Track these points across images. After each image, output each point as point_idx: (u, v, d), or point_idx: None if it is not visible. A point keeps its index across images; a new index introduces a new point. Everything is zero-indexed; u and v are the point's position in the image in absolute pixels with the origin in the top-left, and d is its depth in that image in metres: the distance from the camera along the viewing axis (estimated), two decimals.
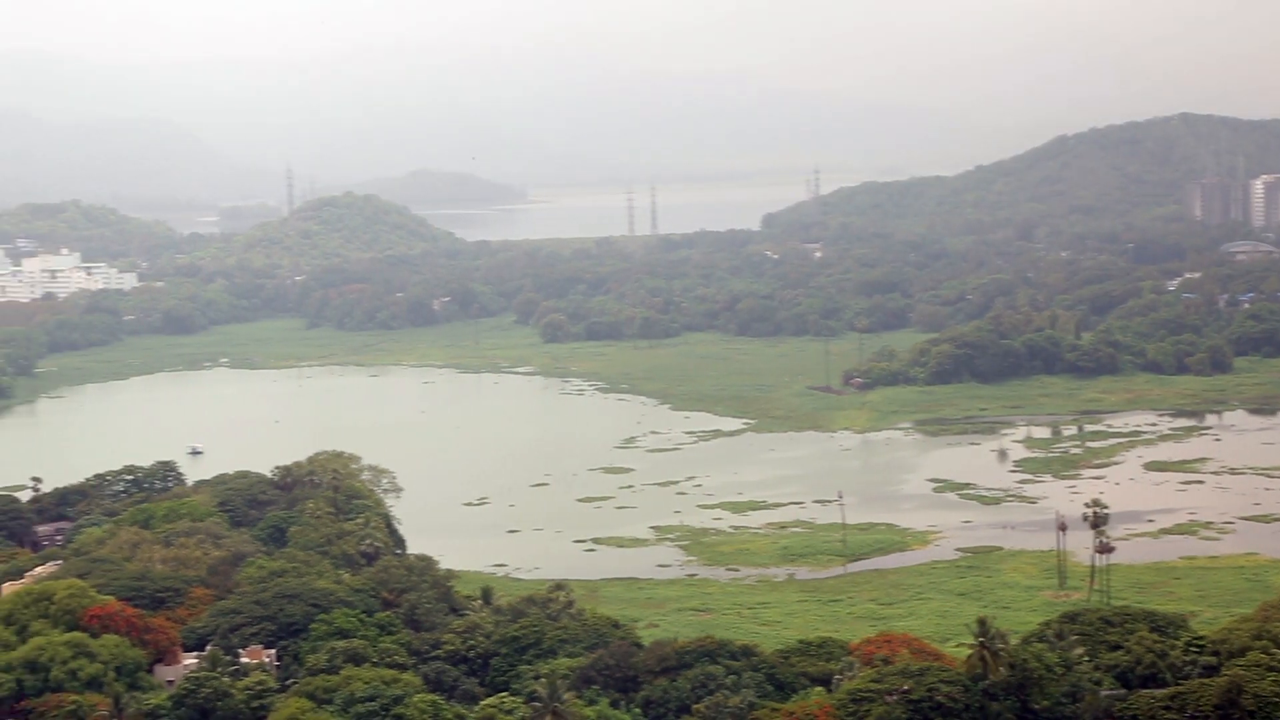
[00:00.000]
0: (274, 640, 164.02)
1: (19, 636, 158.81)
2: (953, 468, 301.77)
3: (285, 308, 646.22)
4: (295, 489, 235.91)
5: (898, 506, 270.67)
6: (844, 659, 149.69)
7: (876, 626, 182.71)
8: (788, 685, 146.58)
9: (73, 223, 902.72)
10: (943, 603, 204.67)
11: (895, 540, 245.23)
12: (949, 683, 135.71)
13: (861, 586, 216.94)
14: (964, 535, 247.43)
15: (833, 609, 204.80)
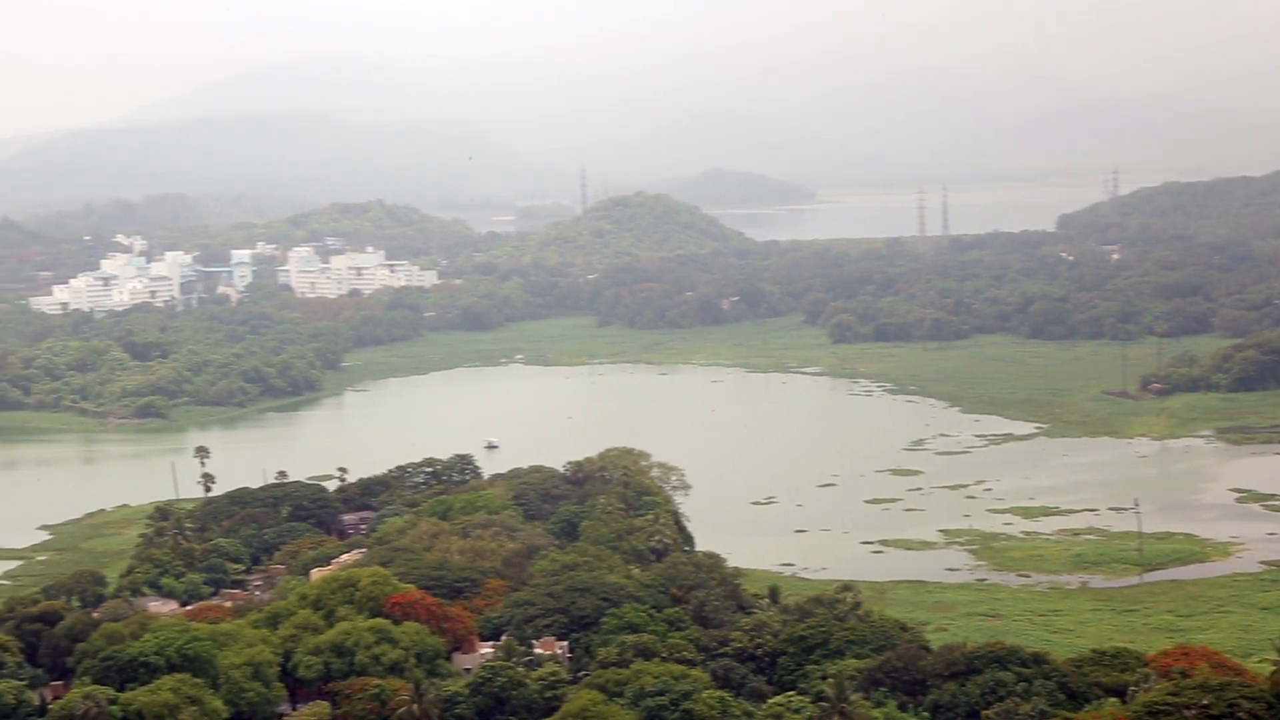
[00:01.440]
0: (566, 632, 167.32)
1: (326, 621, 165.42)
2: (1258, 478, 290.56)
3: (578, 305, 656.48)
4: (587, 484, 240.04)
5: (1197, 516, 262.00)
6: (1139, 670, 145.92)
7: (1174, 638, 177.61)
8: (1080, 695, 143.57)
9: (377, 221, 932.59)
10: (1245, 616, 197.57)
11: (1194, 551, 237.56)
12: (1251, 699, 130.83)
13: (1158, 597, 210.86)
14: (1269, 548, 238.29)
15: (1127, 619, 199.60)
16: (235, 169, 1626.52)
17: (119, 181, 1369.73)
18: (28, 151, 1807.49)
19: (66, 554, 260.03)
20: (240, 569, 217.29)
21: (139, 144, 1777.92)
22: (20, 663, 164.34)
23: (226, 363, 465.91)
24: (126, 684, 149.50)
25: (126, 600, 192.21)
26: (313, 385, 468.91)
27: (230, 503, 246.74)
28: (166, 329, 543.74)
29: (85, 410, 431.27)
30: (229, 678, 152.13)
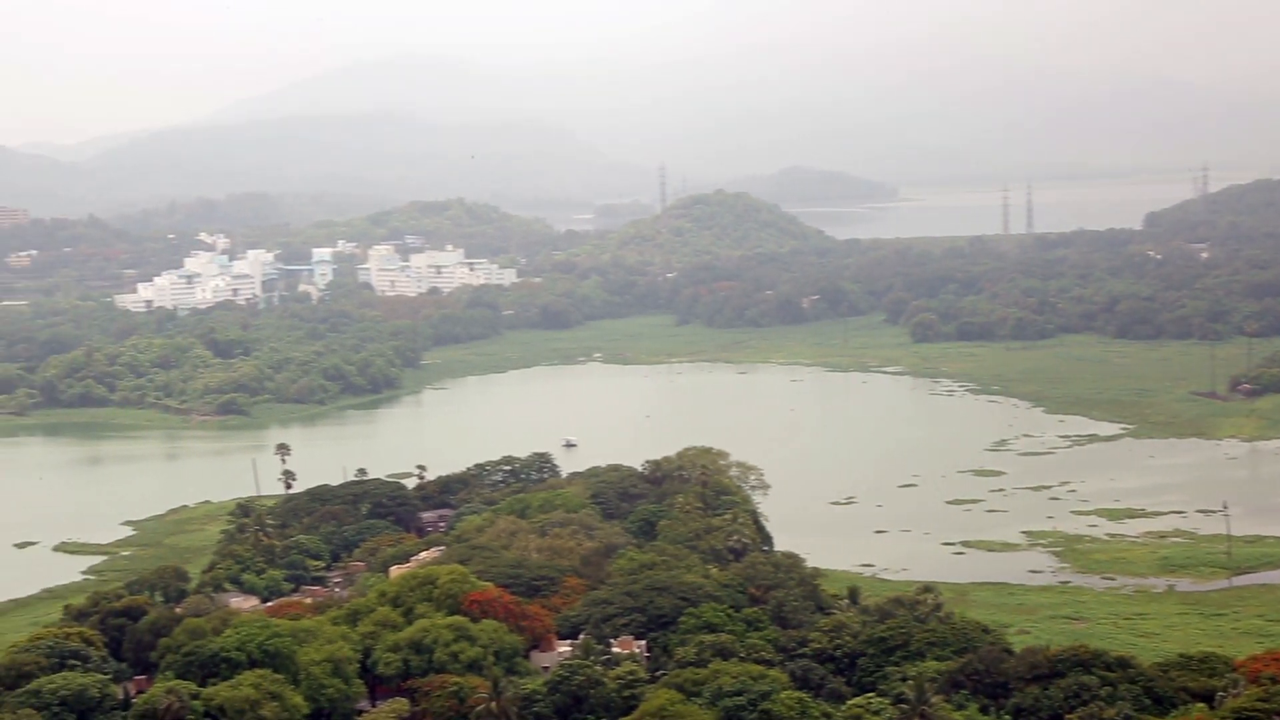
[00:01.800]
0: (644, 631, 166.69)
1: (405, 618, 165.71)
2: None
3: (657, 304, 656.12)
4: (665, 483, 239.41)
5: None
6: (1228, 676, 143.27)
7: (1264, 644, 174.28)
8: (1167, 700, 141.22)
9: (457, 220, 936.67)
10: None
11: None
12: None
13: (1248, 601, 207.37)
14: None
15: (1215, 623, 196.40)
16: (317, 167, 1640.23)
17: (203, 180, 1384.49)
18: (114, 151, 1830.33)
19: (150, 549, 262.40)
20: (320, 566, 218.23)
21: (223, 143, 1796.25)
22: (105, 657, 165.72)
23: (307, 360, 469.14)
24: (208, 679, 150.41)
25: (208, 596, 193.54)
26: (392, 383, 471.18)
27: (311, 500, 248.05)
28: (248, 327, 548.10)
29: (168, 407, 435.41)
30: (309, 674, 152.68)
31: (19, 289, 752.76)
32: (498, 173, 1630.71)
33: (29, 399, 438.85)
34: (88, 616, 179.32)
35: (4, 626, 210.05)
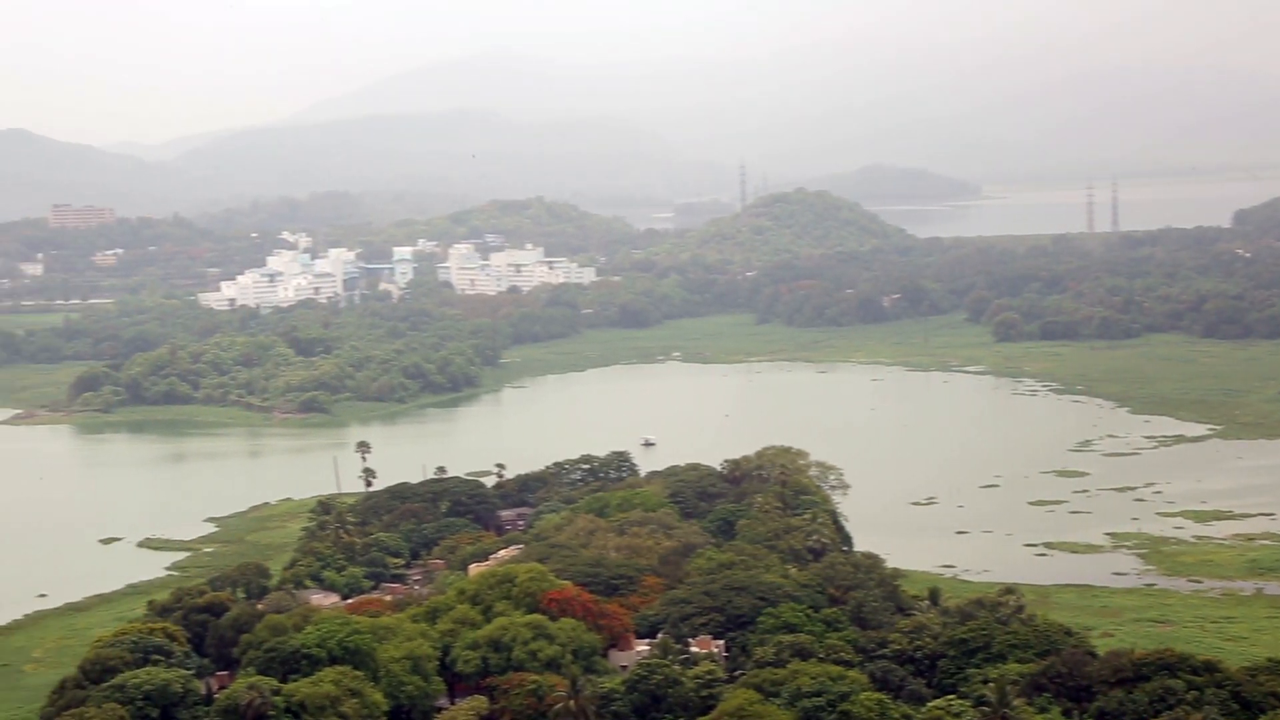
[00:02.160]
0: (722, 631, 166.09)
1: (484, 616, 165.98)
2: None
3: (736, 303, 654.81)
4: (744, 483, 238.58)
5: None
6: None
7: None
8: (1255, 705, 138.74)
9: (537, 218, 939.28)
10: None
11: None
12: None
13: None
14: None
15: None
16: (398, 166, 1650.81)
17: (286, 179, 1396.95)
18: (198, 151, 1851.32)
19: (232, 546, 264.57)
20: (400, 563, 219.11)
21: (306, 142, 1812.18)
22: (188, 652, 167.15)
23: (387, 359, 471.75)
24: (289, 675, 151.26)
25: (289, 593, 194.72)
26: (472, 381, 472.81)
27: (390, 498, 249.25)
28: (329, 325, 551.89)
29: (251, 405, 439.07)
30: (389, 671, 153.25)
31: (105, 287, 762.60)
32: (578, 171, 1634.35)
33: (115, 396, 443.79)
34: (171, 612, 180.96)
35: (89, 621, 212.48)
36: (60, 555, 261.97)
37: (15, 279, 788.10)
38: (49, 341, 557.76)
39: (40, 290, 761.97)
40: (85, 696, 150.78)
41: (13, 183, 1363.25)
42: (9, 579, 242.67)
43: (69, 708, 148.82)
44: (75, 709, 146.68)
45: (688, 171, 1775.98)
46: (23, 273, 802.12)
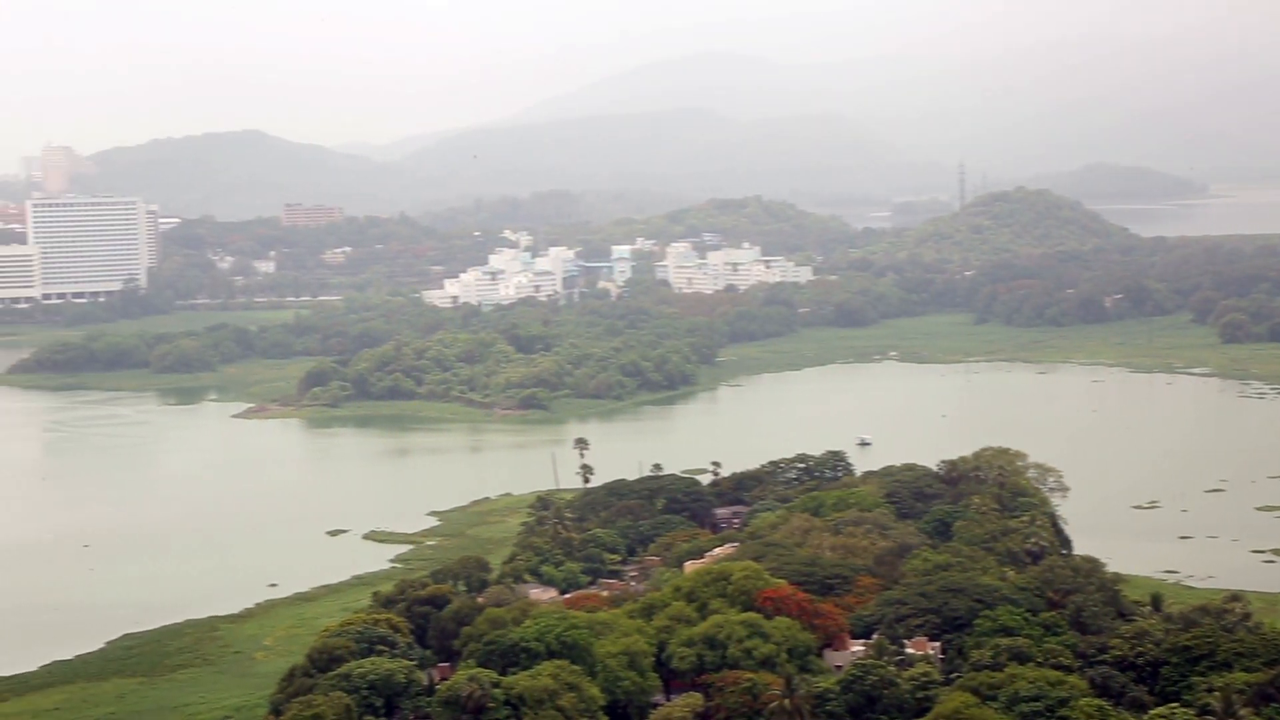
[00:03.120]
0: (938, 633, 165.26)
1: (699, 613, 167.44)
2: None
3: (953, 303, 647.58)
4: (960, 484, 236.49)
5: None
6: None
7: None
8: None
9: (754, 217, 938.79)
10: None
11: None
12: None
13: None
14: None
15: None
16: (617, 165, 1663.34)
17: (508, 178, 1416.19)
18: (424, 151, 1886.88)
19: (453, 540, 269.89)
20: (616, 559, 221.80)
21: (527, 142, 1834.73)
22: (410, 643, 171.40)
23: (605, 356, 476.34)
24: (508, 668, 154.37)
25: (509, 586, 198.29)
26: (688, 379, 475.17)
27: (608, 494, 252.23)
28: (549, 323, 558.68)
29: (472, 400, 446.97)
30: (606, 666, 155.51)
31: (334, 284, 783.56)
32: (795, 170, 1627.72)
33: (342, 391, 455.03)
34: (395, 604, 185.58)
35: (317, 611, 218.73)
36: (290, 546, 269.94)
37: (249, 276, 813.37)
38: (280, 337, 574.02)
39: (272, 287, 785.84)
40: (313, 685, 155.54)
41: (248, 183, 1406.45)
42: (242, 569, 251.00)
43: (297, 695, 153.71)
44: (303, 696, 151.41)
45: (905, 171, 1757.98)
46: (256, 270, 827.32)
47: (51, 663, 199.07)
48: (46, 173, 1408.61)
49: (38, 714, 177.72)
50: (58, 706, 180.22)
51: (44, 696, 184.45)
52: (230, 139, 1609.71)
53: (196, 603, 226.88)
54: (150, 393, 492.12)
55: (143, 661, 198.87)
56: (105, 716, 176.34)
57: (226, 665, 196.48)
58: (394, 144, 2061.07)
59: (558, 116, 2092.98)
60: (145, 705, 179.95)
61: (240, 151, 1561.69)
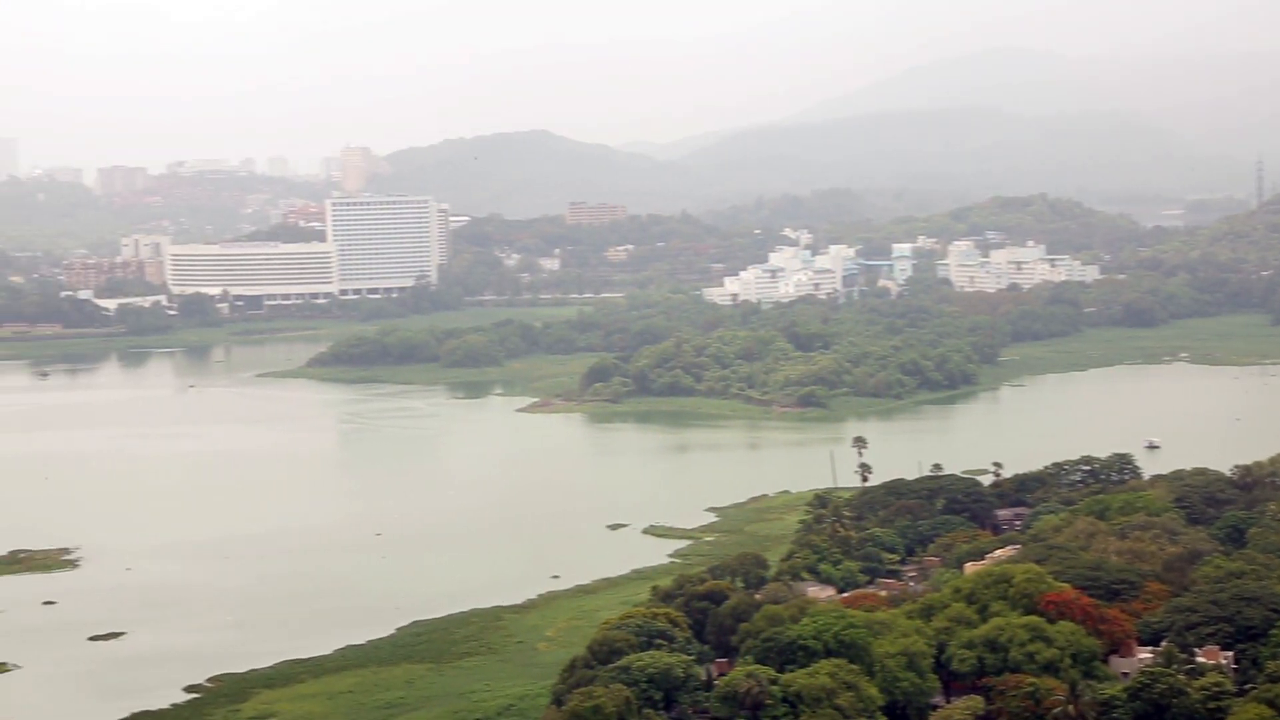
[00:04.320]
0: (1231, 642, 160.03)
1: (980, 615, 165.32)
2: None
3: (1249, 303, 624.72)
4: (1255, 489, 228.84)
5: None
6: None
7: None
8: None
9: (1039, 215, 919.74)
10: None
11: None
12: None
13: None
14: None
15: None
16: (899, 163, 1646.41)
17: (789, 176, 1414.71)
18: (706, 149, 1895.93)
19: (731, 536, 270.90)
20: (895, 559, 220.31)
21: (809, 140, 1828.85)
22: (688, 638, 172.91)
23: (885, 355, 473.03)
24: (786, 665, 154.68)
25: (786, 584, 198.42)
26: (968, 379, 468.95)
27: (886, 493, 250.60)
28: (828, 321, 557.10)
29: (750, 398, 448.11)
30: (884, 666, 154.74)
31: (616, 281, 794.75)
32: (1081, 167, 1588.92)
33: (623, 387, 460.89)
34: (673, 598, 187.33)
35: (597, 604, 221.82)
36: (572, 539, 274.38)
37: (534, 273, 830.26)
38: (564, 333, 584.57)
39: (557, 284, 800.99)
40: (593, 676, 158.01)
41: (534, 181, 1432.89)
42: (526, 560, 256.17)
43: (578, 686, 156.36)
44: (584, 688, 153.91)
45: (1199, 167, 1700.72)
46: (541, 267, 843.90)
47: (345, 647, 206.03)
48: (345, 173, 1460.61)
49: (332, 696, 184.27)
50: (351, 689, 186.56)
51: (338, 679, 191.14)
52: (518, 138, 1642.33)
53: (482, 592, 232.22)
54: (439, 386, 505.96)
55: (431, 648, 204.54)
56: (395, 700, 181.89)
57: (510, 654, 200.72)
58: (676, 142, 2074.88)
59: (841, 115, 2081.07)
60: (433, 691, 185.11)
61: (527, 150, 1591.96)
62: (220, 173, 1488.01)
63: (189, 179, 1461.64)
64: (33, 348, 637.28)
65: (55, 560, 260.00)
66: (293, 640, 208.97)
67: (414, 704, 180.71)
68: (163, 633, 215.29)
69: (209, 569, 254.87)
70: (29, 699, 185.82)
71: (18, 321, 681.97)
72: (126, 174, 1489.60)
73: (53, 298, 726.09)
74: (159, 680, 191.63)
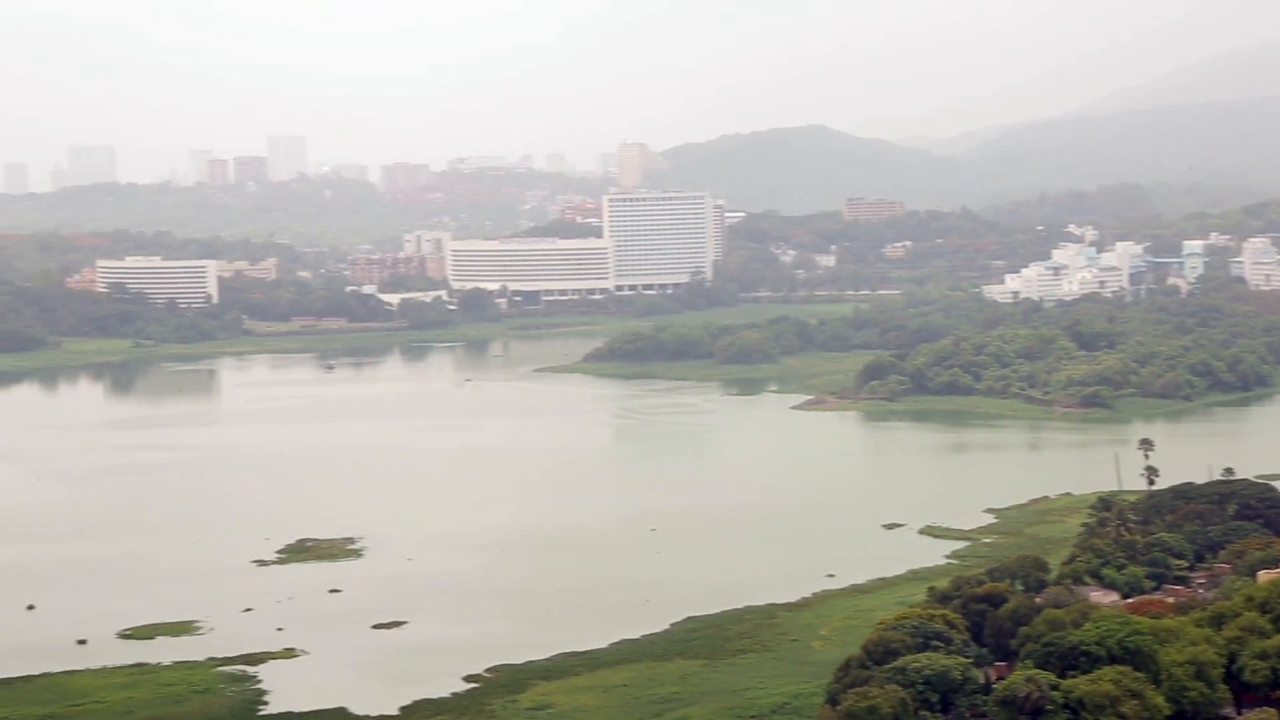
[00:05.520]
0: None
1: (1274, 625, 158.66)
2: None
3: None
4: None
5: None
6: None
7: None
8: None
9: None
10: None
11: None
12: None
13: None
14: None
15: None
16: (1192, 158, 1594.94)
17: (1073, 171, 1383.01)
18: (987, 144, 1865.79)
19: (1010, 538, 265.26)
20: (1183, 565, 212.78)
21: (1095, 134, 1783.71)
22: (966, 641, 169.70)
23: (1174, 355, 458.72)
24: (1067, 671, 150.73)
25: (1067, 588, 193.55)
26: (1263, 380, 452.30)
27: (1174, 497, 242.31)
28: (1114, 319, 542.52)
29: (1031, 398, 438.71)
30: (1170, 674, 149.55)
31: (894, 278, 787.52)
32: None
33: (899, 385, 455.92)
34: (950, 600, 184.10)
35: (872, 604, 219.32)
36: (846, 538, 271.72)
37: (810, 270, 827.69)
38: (839, 330, 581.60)
39: (833, 280, 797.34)
40: (868, 676, 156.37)
41: (810, 177, 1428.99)
42: (800, 558, 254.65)
43: (853, 686, 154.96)
44: (859, 688, 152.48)
45: None
46: (817, 264, 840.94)
47: (620, 641, 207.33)
48: (622, 169, 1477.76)
49: (608, 689, 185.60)
50: (625, 683, 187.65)
51: (613, 673, 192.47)
52: (795, 134, 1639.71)
53: (755, 589, 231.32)
54: (713, 383, 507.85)
55: (705, 644, 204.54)
56: (669, 695, 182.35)
57: (784, 653, 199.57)
58: (956, 137, 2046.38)
59: (1128, 108, 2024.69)
60: (707, 687, 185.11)
61: (804, 146, 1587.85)
62: (499, 169, 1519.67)
63: (469, 175, 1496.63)
64: (319, 341, 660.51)
65: (340, 549, 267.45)
66: (568, 633, 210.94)
67: (688, 699, 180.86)
68: (442, 622, 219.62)
69: (487, 561, 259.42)
70: (317, 683, 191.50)
71: (305, 316, 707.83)
72: (409, 171, 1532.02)
73: (338, 292, 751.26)
74: (439, 669, 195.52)
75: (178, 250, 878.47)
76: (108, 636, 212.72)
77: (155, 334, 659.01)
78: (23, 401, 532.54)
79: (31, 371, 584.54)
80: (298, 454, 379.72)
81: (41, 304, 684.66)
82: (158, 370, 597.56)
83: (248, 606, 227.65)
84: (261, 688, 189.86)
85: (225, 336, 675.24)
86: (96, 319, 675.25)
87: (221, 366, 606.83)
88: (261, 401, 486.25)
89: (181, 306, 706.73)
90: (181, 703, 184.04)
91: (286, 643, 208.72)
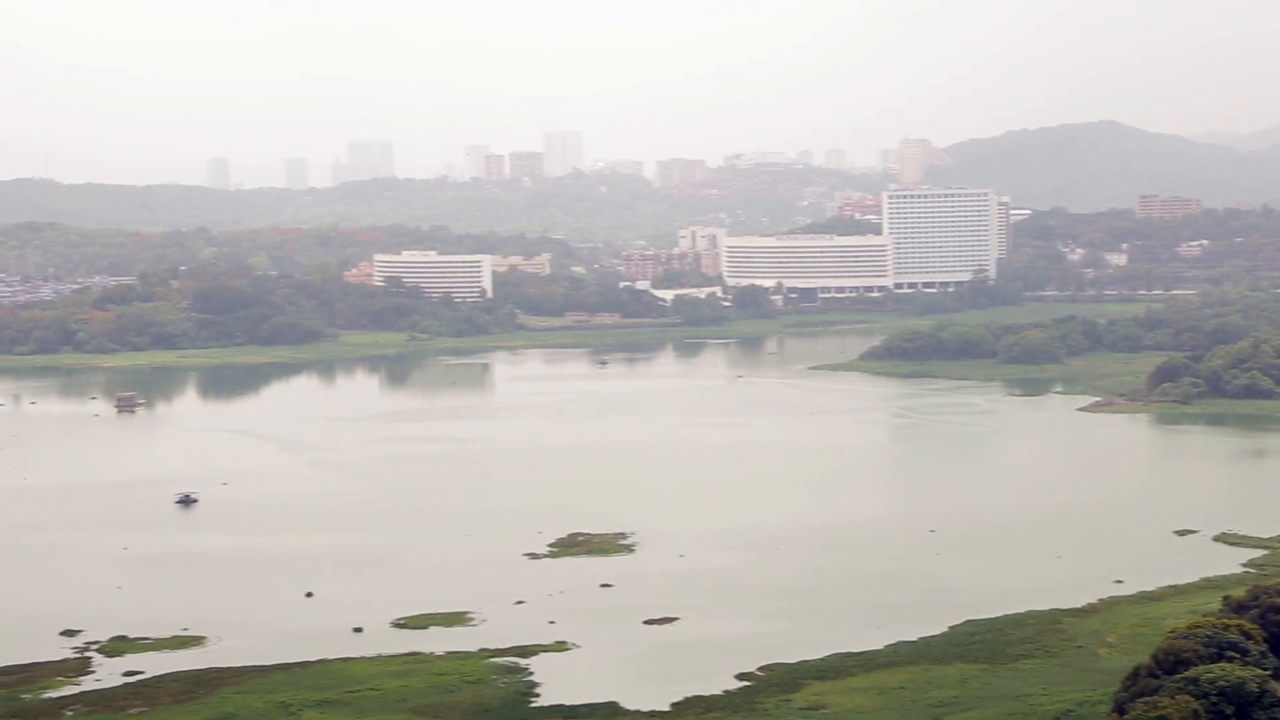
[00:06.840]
0: None
1: None
2: None
3: None
4: None
5: None
6: None
7: None
8: None
9: None
10: None
11: None
12: None
13: None
14: None
15: None
16: None
17: None
18: None
19: None
20: None
21: None
22: (1264, 652, 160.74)
23: None
24: None
25: None
26: None
27: None
28: None
29: None
30: None
31: (1188, 278, 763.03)
32: None
33: (1193, 388, 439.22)
34: (1246, 610, 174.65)
35: (1162, 611, 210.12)
36: (1135, 543, 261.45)
37: (1099, 269, 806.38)
38: (1129, 331, 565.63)
39: (1123, 280, 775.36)
40: (1158, 686, 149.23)
41: (1101, 173, 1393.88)
42: (1085, 562, 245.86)
43: (1141, 695, 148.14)
44: (1148, 698, 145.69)
45: None
46: (1107, 262, 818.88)
47: (896, 642, 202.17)
48: (902, 165, 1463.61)
49: (884, 691, 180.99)
50: (902, 685, 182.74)
51: (889, 674, 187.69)
52: (1085, 129, 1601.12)
53: (1038, 593, 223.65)
54: (995, 383, 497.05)
55: (984, 648, 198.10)
56: (947, 699, 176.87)
57: (1068, 659, 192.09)
58: (1260, 133, 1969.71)
59: None
60: (987, 692, 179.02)
61: (1095, 142, 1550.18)
62: (777, 165, 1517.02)
63: (746, 172, 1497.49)
64: (592, 336, 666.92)
65: (612, 544, 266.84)
66: (843, 633, 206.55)
67: (967, 704, 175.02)
68: (714, 619, 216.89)
69: (760, 558, 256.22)
70: (588, 677, 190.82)
71: (578, 311, 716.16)
72: (685, 166, 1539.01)
73: (611, 288, 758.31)
74: (711, 666, 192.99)
75: (453, 245, 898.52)
76: (382, 625, 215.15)
77: (430, 327, 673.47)
78: (302, 393, 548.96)
79: (310, 363, 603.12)
80: (569, 448, 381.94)
81: (320, 297, 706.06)
82: (432, 364, 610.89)
83: (520, 599, 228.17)
84: (533, 680, 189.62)
85: (499, 331, 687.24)
86: (373, 312, 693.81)
87: (495, 361, 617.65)
88: (534, 396, 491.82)
89: (456, 300, 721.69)
90: (454, 692, 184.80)
91: (558, 636, 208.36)
